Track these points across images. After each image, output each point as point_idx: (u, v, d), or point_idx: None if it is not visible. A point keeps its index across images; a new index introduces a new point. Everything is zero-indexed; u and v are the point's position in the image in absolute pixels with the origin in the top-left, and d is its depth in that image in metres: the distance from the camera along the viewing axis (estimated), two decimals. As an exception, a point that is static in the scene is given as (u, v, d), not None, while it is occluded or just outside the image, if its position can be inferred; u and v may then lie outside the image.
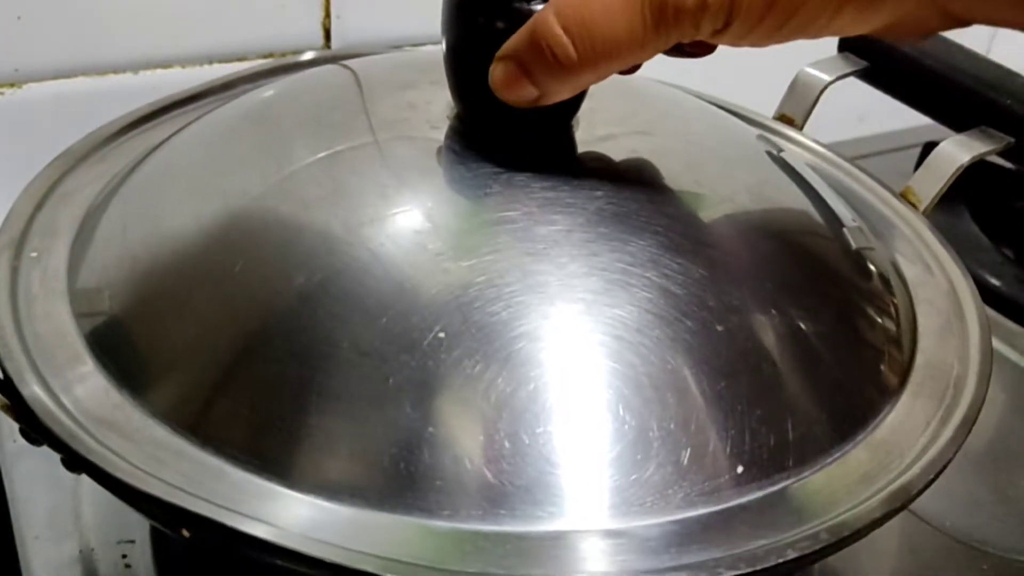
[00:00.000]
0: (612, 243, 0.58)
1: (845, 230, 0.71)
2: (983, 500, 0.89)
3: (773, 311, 0.60)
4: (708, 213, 0.65)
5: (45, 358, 0.57)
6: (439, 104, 0.67)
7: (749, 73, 1.15)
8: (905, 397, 0.63)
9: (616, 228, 0.59)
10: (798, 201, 0.72)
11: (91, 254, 0.65)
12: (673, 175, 0.66)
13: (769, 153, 0.76)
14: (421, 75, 0.71)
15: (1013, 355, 1.03)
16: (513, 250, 0.57)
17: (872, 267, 0.71)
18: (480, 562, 0.48)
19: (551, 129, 0.66)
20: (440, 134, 0.65)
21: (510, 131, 0.64)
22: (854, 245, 0.71)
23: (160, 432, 0.53)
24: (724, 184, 0.69)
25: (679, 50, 0.62)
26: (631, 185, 0.63)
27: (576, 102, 0.65)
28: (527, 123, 0.63)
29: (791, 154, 0.78)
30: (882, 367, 0.64)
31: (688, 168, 0.68)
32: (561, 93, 0.59)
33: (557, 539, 0.49)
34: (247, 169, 0.65)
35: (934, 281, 0.75)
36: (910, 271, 0.76)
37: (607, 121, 0.69)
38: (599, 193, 0.61)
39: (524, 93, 0.58)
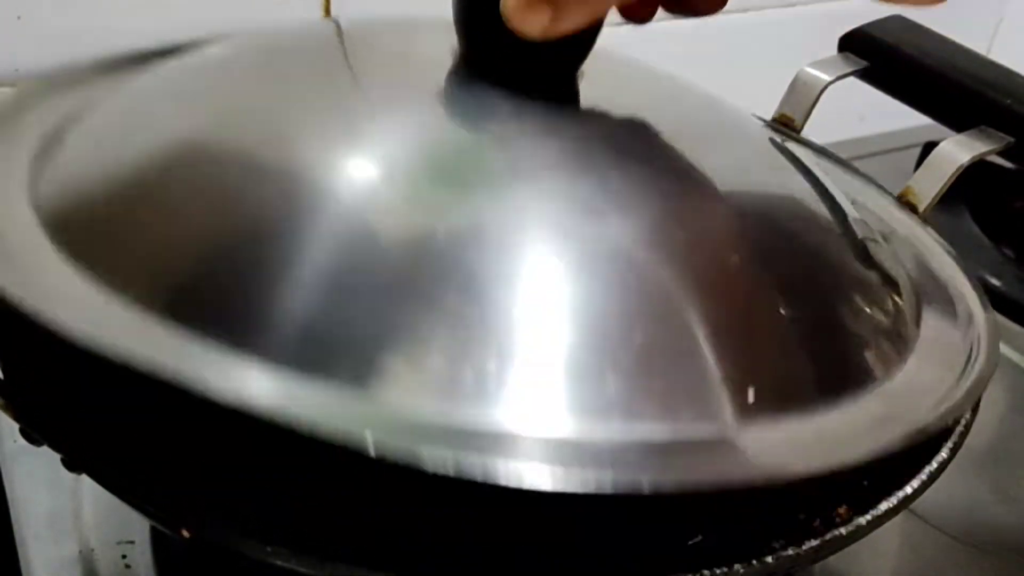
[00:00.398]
0: (608, 183, 0.58)
1: (849, 217, 0.72)
2: (983, 500, 0.89)
3: (777, 264, 0.61)
4: (711, 179, 0.64)
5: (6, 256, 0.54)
6: (438, 48, 0.66)
7: (749, 73, 1.15)
8: (914, 361, 0.64)
9: (615, 175, 0.59)
10: (802, 185, 0.72)
11: (57, 164, 0.63)
12: (673, 141, 0.66)
13: (772, 140, 0.76)
14: (419, 27, 0.71)
15: (1014, 355, 1.03)
16: (499, 185, 0.56)
17: (874, 250, 0.71)
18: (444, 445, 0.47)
19: (555, 77, 0.66)
20: (437, 76, 0.65)
21: (513, 75, 0.63)
22: (858, 232, 0.71)
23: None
24: (727, 157, 0.69)
25: (689, 8, 0.61)
26: (630, 142, 0.63)
27: (582, 50, 0.64)
28: (532, 64, 0.62)
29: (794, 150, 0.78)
30: (887, 339, 0.65)
31: (692, 140, 0.68)
32: (576, 19, 0.58)
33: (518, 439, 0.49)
34: (227, 98, 0.64)
35: (935, 281, 0.75)
36: (910, 266, 0.76)
37: (612, 87, 0.69)
38: (599, 149, 0.61)
39: (537, 17, 0.57)
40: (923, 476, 0.60)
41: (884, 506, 0.58)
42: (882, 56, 0.94)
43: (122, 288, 0.52)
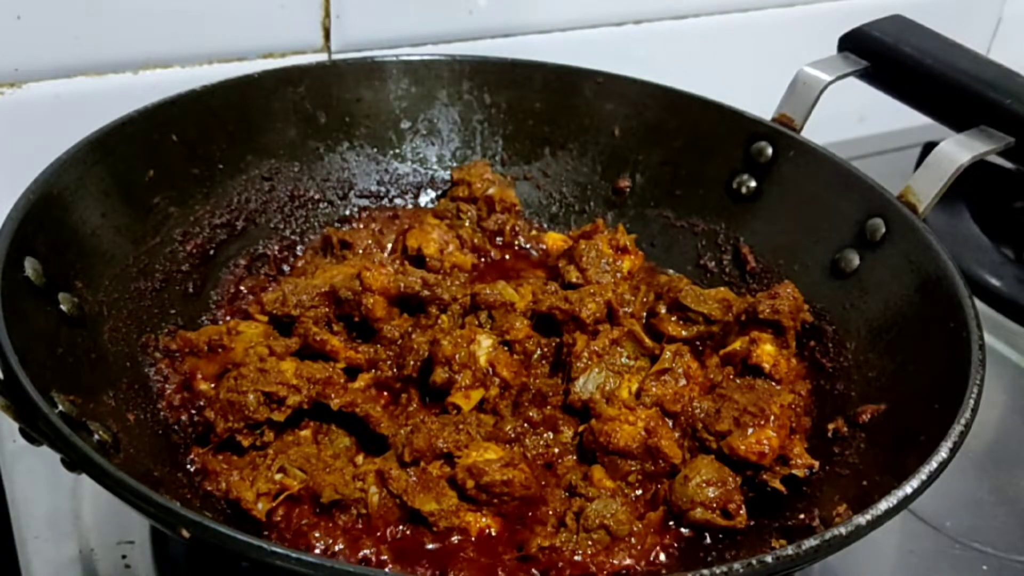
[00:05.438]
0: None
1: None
2: (983, 500, 0.89)
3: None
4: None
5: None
6: None
7: (749, 73, 1.15)
8: None
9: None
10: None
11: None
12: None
13: None
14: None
15: (1013, 355, 1.03)
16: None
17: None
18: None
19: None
20: None
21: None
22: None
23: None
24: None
25: None
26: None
27: None
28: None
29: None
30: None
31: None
32: None
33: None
34: None
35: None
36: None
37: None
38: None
39: None
40: (923, 476, 0.61)
41: (884, 506, 0.59)
42: (882, 56, 0.94)
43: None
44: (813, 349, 0.85)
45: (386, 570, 0.67)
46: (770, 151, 0.94)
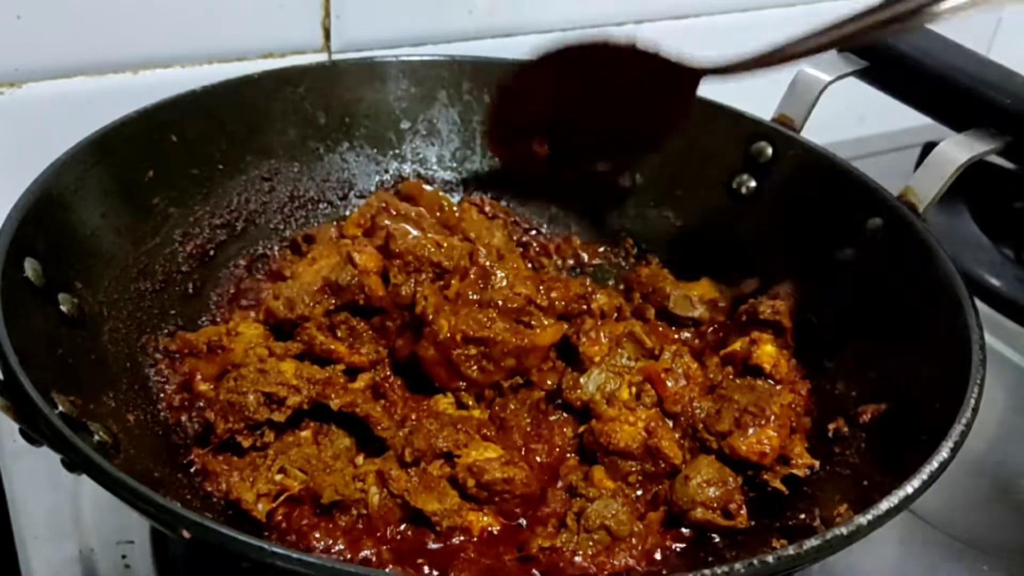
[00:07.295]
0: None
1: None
2: (983, 500, 0.89)
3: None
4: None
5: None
6: None
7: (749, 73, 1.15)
8: None
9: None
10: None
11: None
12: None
13: None
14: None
15: (1014, 355, 1.03)
16: None
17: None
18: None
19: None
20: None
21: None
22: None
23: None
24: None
25: None
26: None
27: None
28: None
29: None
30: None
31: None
32: None
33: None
34: None
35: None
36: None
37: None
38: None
39: None
40: (923, 476, 0.61)
41: (885, 506, 0.59)
42: (882, 56, 0.94)
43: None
44: (813, 349, 0.85)
45: (387, 570, 0.67)
46: (770, 151, 0.94)
